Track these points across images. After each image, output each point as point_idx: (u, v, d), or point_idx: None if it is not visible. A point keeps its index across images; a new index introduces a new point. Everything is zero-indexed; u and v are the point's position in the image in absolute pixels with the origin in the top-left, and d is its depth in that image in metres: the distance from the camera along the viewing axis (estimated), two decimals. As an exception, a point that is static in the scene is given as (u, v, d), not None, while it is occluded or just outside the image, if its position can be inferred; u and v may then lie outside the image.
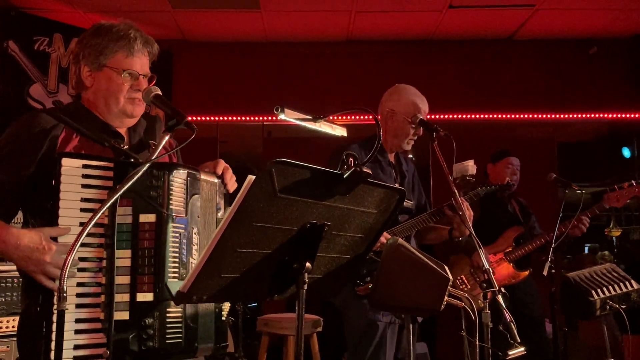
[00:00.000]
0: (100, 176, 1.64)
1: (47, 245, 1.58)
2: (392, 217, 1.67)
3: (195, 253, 1.71)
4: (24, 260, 1.59)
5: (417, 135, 2.99)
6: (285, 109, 1.88)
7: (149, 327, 1.59)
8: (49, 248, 1.58)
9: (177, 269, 1.65)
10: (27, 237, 1.59)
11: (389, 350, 2.74)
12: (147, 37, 1.92)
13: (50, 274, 1.59)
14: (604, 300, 3.01)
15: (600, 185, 9.66)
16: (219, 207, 1.87)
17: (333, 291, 1.76)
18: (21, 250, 1.58)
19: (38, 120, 1.76)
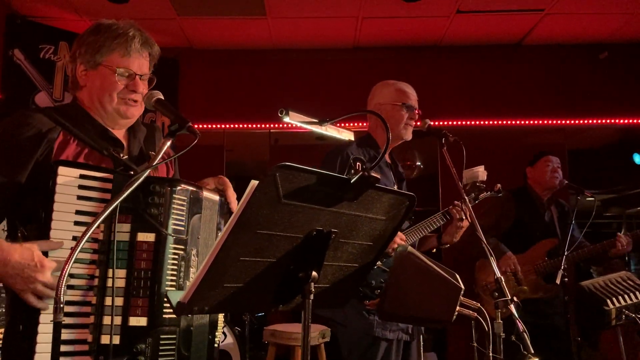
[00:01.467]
0: (98, 188, 1.56)
1: (39, 262, 1.47)
2: (402, 223, 1.62)
3: (192, 276, 1.62)
4: (12, 278, 1.48)
5: (413, 120, 2.91)
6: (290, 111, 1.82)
7: (141, 353, 1.50)
8: (41, 266, 1.47)
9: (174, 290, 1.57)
10: (17, 253, 1.47)
11: None
12: (147, 38, 1.85)
13: (40, 293, 1.48)
14: (620, 309, 2.93)
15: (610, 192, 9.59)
16: (219, 227, 1.79)
17: (340, 301, 1.70)
18: (11, 267, 1.47)
19: (33, 120, 1.67)
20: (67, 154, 1.67)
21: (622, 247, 3.78)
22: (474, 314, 1.72)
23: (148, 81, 1.87)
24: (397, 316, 1.83)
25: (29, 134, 1.63)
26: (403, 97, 2.91)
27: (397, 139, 2.93)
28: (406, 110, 2.88)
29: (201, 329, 1.67)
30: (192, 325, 1.63)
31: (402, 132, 2.89)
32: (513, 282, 3.93)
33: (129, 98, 1.79)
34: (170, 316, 1.56)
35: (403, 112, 2.88)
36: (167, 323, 1.55)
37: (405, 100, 2.89)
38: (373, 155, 2.85)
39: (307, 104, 5.60)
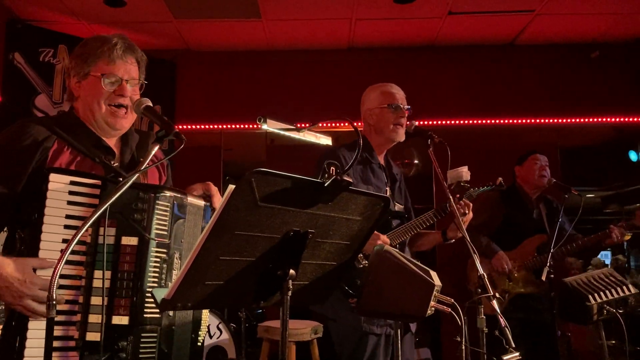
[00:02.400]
0: (87, 194, 1.62)
1: (29, 278, 1.54)
2: (378, 223, 1.69)
3: (174, 278, 1.67)
4: (2, 290, 1.55)
5: (402, 119, 2.96)
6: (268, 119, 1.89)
7: (122, 350, 1.57)
8: (30, 282, 1.54)
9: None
10: (10, 267, 1.55)
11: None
12: (130, 44, 1.91)
13: (28, 307, 1.55)
14: (601, 304, 3.00)
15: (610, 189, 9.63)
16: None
17: (320, 297, 1.77)
18: (2, 280, 1.54)
19: (30, 130, 1.75)
20: (61, 161, 1.75)
21: (616, 237, 3.86)
22: (448, 309, 1.81)
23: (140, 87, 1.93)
24: (374, 312, 1.91)
25: (26, 143, 1.72)
26: (389, 99, 2.98)
27: (389, 142, 3.00)
28: (393, 111, 2.94)
29: (183, 328, 1.74)
30: (174, 324, 1.70)
31: (392, 134, 2.94)
32: (504, 278, 4.02)
33: (116, 103, 1.85)
34: (152, 315, 1.63)
35: (390, 113, 2.94)
36: (149, 322, 1.63)
37: (390, 101, 2.96)
38: (365, 156, 2.92)
39: (302, 104, 5.71)
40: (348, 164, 2.75)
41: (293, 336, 3.56)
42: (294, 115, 5.67)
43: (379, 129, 2.96)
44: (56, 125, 1.81)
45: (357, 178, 2.81)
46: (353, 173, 2.80)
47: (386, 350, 2.76)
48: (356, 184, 2.77)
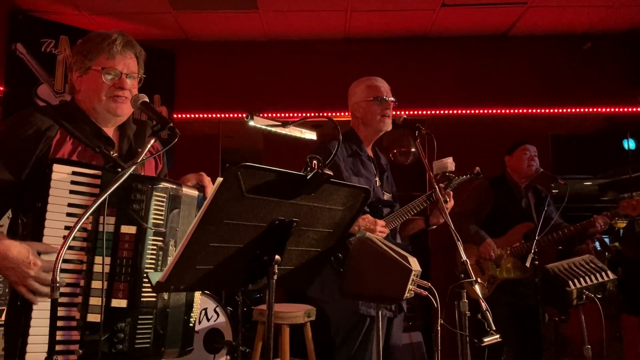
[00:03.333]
0: (88, 183, 1.73)
1: (33, 260, 1.65)
2: (360, 213, 1.82)
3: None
4: (8, 270, 1.66)
5: (388, 110, 3.07)
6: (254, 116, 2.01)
7: (121, 331, 1.69)
8: (34, 264, 1.65)
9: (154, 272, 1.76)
10: (16, 250, 1.66)
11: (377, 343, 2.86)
12: (129, 40, 2.02)
13: (31, 287, 1.66)
14: (581, 290, 3.11)
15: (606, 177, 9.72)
16: None
17: (306, 281, 1.90)
18: (8, 261, 1.65)
19: (35, 120, 1.85)
20: (64, 151, 1.86)
21: (600, 226, 3.96)
22: (425, 292, 1.94)
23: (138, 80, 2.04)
24: (355, 294, 2.05)
25: (30, 132, 1.83)
26: (374, 92, 3.08)
27: (376, 132, 3.13)
28: (379, 104, 3.06)
29: (177, 310, 1.86)
30: (168, 307, 1.83)
31: (380, 125, 3.07)
32: (492, 264, 4.15)
33: (116, 95, 1.95)
34: (148, 299, 1.76)
35: (376, 106, 3.05)
36: (145, 305, 1.76)
37: (376, 94, 3.07)
38: (355, 149, 3.05)
39: (299, 94, 5.82)
40: (340, 156, 2.89)
41: (287, 319, 3.69)
42: (290, 104, 5.78)
43: (366, 121, 3.09)
44: (59, 115, 1.92)
45: (349, 170, 2.94)
46: (344, 166, 2.93)
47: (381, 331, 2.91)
48: (348, 176, 2.91)
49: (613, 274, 3.24)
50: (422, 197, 3.04)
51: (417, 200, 3.03)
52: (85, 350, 1.65)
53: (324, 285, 2.85)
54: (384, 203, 3.04)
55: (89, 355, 1.65)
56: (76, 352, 1.65)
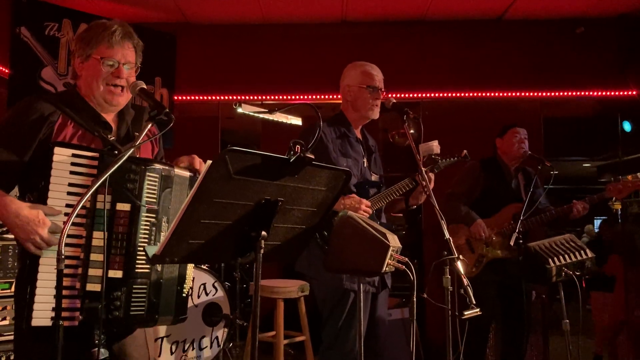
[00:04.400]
0: (87, 165, 1.86)
1: (42, 220, 1.81)
2: (341, 193, 1.96)
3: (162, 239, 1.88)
4: (19, 228, 1.81)
5: (378, 100, 3.19)
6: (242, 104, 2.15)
7: (117, 299, 1.84)
8: (43, 222, 1.81)
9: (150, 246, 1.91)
10: (27, 210, 1.82)
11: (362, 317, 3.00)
12: (128, 31, 2.14)
13: (37, 244, 1.81)
14: (560, 267, 3.26)
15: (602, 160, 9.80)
16: None
17: (291, 255, 2.06)
18: (20, 219, 1.81)
19: (38, 106, 1.98)
20: (65, 134, 2.00)
21: (577, 212, 4.07)
22: (402, 266, 2.09)
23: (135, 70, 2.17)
24: (338, 268, 2.21)
25: (34, 117, 1.97)
26: (368, 80, 3.19)
27: (364, 119, 3.25)
28: (371, 92, 3.17)
29: (170, 282, 2.01)
30: (161, 278, 1.97)
31: (369, 113, 3.21)
32: (482, 244, 4.29)
33: (114, 83, 2.09)
34: (142, 270, 1.91)
35: (368, 94, 3.17)
36: (139, 276, 1.90)
37: (370, 83, 3.18)
38: (343, 131, 3.17)
39: (297, 76, 5.93)
40: (326, 139, 3.02)
41: (281, 294, 3.86)
42: (288, 86, 5.90)
43: (356, 106, 3.21)
44: (61, 101, 2.06)
45: (337, 152, 3.06)
46: (333, 147, 3.06)
47: (365, 305, 2.96)
48: (336, 157, 3.03)
49: (592, 253, 3.38)
50: (406, 180, 3.16)
51: (401, 182, 3.15)
52: (85, 316, 1.80)
53: (311, 262, 2.99)
54: (371, 184, 3.17)
55: (88, 320, 1.81)
56: (77, 318, 1.80)
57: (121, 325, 1.93)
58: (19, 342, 1.98)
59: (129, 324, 1.95)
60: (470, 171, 4.42)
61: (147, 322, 1.96)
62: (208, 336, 4.30)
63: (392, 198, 3.16)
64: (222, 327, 4.35)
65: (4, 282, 3.24)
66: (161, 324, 2.03)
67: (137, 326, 2.04)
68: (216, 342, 4.34)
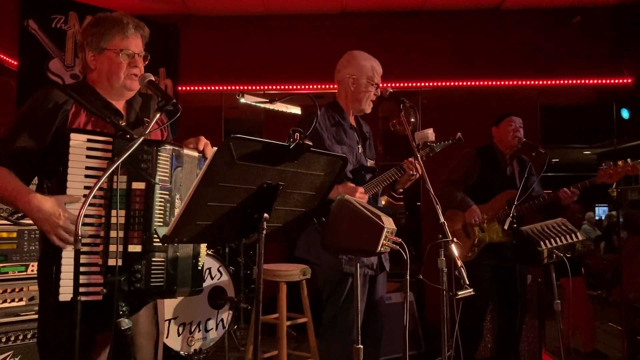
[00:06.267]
0: (102, 149, 1.98)
1: (62, 212, 1.93)
2: (339, 177, 2.08)
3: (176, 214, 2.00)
4: (41, 221, 1.94)
5: (375, 95, 3.30)
6: (245, 94, 2.27)
7: (137, 272, 1.97)
8: (63, 215, 1.93)
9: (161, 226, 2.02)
10: (48, 203, 1.94)
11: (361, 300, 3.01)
12: (138, 22, 2.26)
13: (60, 236, 1.93)
14: (551, 250, 3.37)
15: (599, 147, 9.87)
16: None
17: (292, 236, 2.19)
18: (42, 213, 1.93)
19: (52, 95, 2.09)
20: (79, 121, 2.12)
21: (566, 198, 4.15)
22: (397, 247, 2.21)
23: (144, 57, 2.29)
24: (335, 248, 2.34)
25: (49, 106, 2.08)
26: (376, 77, 3.28)
27: (359, 111, 3.35)
28: (375, 90, 3.28)
29: (186, 255, 2.13)
30: (178, 251, 2.10)
31: (365, 106, 3.31)
32: (477, 229, 4.40)
33: (132, 73, 2.22)
34: (160, 244, 2.03)
35: (372, 90, 3.28)
36: (157, 249, 2.02)
37: (377, 80, 3.28)
38: (338, 119, 3.26)
39: (299, 66, 6.03)
40: (321, 127, 3.12)
41: (284, 277, 3.97)
42: (290, 76, 6.01)
43: (356, 97, 3.29)
44: (73, 91, 2.17)
45: (332, 139, 3.15)
46: (328, 135, 3.16)
47: (363, 289, 3.11)
48: (330, 144, 3.13)
49: (582, 236, 3.50)
50: (394, 169, 3.25)
51: (390, 171, 3.25)
52: (108, 290, 1.94)
53: (310, 246, 3.11)
54: (366, 169, 3.27)
55: (111, 293, 1.94)
56: (101, 291, 1.93)
57: (143, 296, 2.05)
58: (45, 317, 2.11)
59: (150, 295, 2.07)
60: (466, 158, 4.51)
61: (166, 293, 2.08)
62: (213, 318, 4.43)
63: (386, 183, 3.26)
64: (227, 309, 4.48)
65: (21, 265, 3.38)
66: (179, 295, 2.14)
67: (157, 297, 2.16)
68: (221, 324, 4.47)
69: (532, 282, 4.92)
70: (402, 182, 3.27)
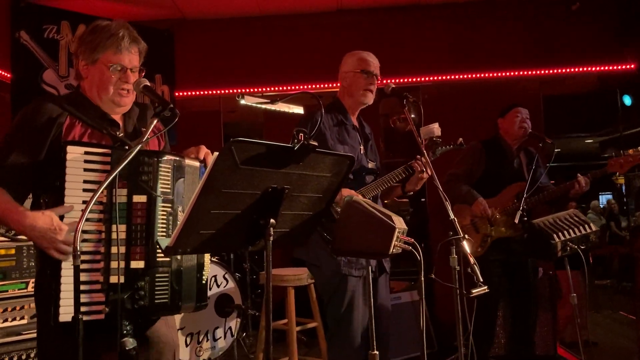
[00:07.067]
0: (100, 161, 1.92)
1: (58, 226, 1.88)
2: (346, 178, 2.00)
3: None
4: (39, 239, 1.89)
5: (372, 85, 3.23)
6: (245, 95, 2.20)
7: (141, 289, 1.91)
8: (60, 229, 1.88)
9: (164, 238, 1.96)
10: (41, 220, 1.88)
11: (362, 300, 3.00)
12: (135, 36, 2.19)
13: (60, 250, 1.89)
14: (565, 242, 3.30)
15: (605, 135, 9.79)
16: None
17: (299, 241, 2.12)
18: (37, 231, 1.88)
19: (45, 108, 2.03)
20: (74, 134, 2.06)
21: (580, 187, 4.05)
22: (409, 247, 2.14)
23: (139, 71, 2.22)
24: (345, 251, 2.26)
25: (43, 119, 2.02)
26: (363, 65, 3.23)
27: (359, 104, 3.28)
28: (365, 77, 3.21)
29: (190, 269, 2.07)
30: (181, 266, 2.03)
31: (362, 98, 3.24)
32: (486, 223, 4.32)
33: (122, 88, 2.14)
34: (163, 259, 1.97)
35: (362, 78, 3.21)
36: (161, 264, 1.96)
37: (364, 67, 3.22)
38: (340, 119, 3.20)
39: (296, 66, 5.96)
40: (324, 126, 3.06)
41: (291, 281, 3.91)
42: (288, 77, 5.94)
43: (351, 92, 3.25)
44: (67, 103, 2.10)
45: (334, 139, 3.10)
46: (330, 135, 3.10)
47: (365, 290, 3.02)
48: (333, 144, 3.07)
49: (595, 227, 3.43)
50: (401, 168, 3.18)
51: (396, 170, 3.18)
52: (111, 308, 1.87)
53: (309, 248, 3.05)
54: (368, 171, 3.21)
55: (114, 311, 1.87)
56: (103, 310, 1.86)
57: (147, 314, 1.99)
58: (45, 338, 2.04)
59: (154, 312, 2.01)
60: (471, 151, 4.43)
61: (171, 310, 2.03)
62: (221, 327, 4.36)
63: (387, 185, 3.19)
64: (235, 317, 4.42)
65: (21, 282, 3.31)
66: (184, 311, 2.08)
67: (161, 314, 2.10)
68: (229, 333, 4.41)
69: (543, 275, 4.85)
70: (413, 183, 3.19)
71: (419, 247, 2.16)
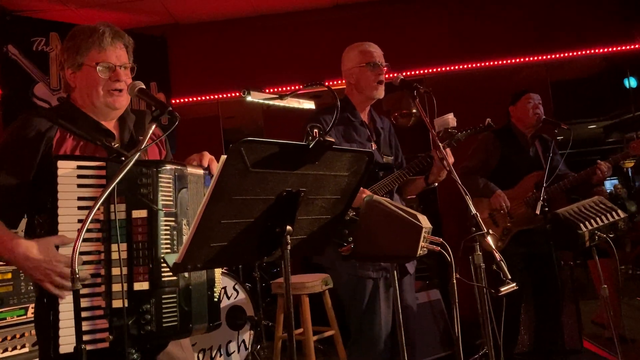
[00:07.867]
0: (94, 175, 1.76)
1: (53, 257, 1.71)
2: (365, 176, 1.83)
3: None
4: (32, 270, 1.72)
5: (381, 76, 3.05)
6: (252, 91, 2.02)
7: (147, 312, 1.73)
8: (55, 260, 1.71)
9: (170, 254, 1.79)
10: (35, 249, 1.71)
11: (384, 303, 2.85)
12: (116, 30, 2.01)
13: (56, 283, 1.71)
14: (592, 231, 3.14)
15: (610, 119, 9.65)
16: None
17: (319, 248, 1.93)
18: (30, 261, 1.71)
19: (33, 123, 1.88)
20: (65, 148, 1.89)
21: (602, 173, 3.90)
22: (437, 248, 1.97)
23: (131, 70, 2.04)
24: (369, 256, 2.08)
25: (31, 135, 1.86)
26: (367, 57, 3.05)
27: (369, 99, 3.11)
28: (372, 69, 3.03)
29: (199, 287, 1.90)
30: (190, 284, 1.85)
31: (373, 92, 3.05)
32: (506, 216, 4.15)
33: (113, 88, 1.96)
34: (170, 278, 1.79)
35: (369, 71, 3.03)
36: (167, 284, 1.78)
37: (369, 60, 3.04)
38: (346, 117, 3.03)
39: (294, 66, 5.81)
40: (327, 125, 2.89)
41: (305, 289, 3.75)
42: (286, 77, 5.78)
43: (360, 87, 3.07)
44: (56, 115, 1.94)
45: (339, 137, 2.93)
46: (335, 134, 2.93)
47: (387, 294, 2.88)
48: (339, 143, 2.90)
49: (624, 213, 3.26)
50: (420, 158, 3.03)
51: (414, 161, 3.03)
52: (115, 336, 1.70)
53: None
54: (380, 166, 3.04)
55: (119, 339, 1.70)
56: (107, 338, 1.69)
57: (155, 340, 1.81)
58: None
59: (163, 337, 1.83)
60: (483, 143, 4.28)
61: (182, 333, 1.86)
62: (234, 340, 4.21)
63: (403, 179, 3.03)
64: (248, 329, 4.25)
65: (19, 309, 3.13)
66: (196, 333, 1.91)
67: (171, 338, 1.91)
68: (243, 346, 4.25)
69: (564, 265, 4.68)
70: (435, 174, 3.01)
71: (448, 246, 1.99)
